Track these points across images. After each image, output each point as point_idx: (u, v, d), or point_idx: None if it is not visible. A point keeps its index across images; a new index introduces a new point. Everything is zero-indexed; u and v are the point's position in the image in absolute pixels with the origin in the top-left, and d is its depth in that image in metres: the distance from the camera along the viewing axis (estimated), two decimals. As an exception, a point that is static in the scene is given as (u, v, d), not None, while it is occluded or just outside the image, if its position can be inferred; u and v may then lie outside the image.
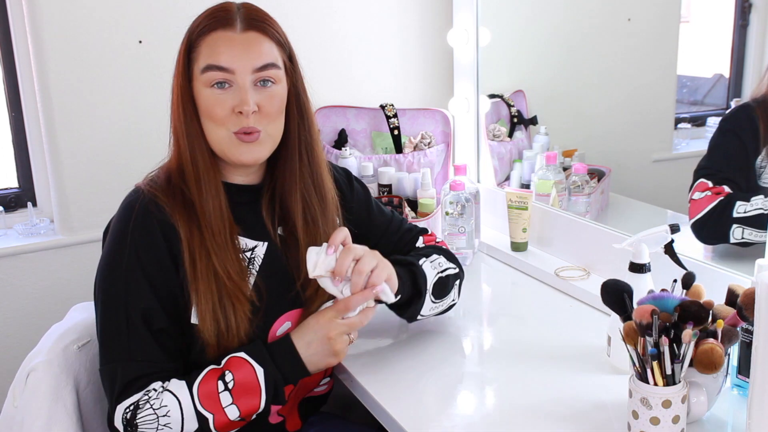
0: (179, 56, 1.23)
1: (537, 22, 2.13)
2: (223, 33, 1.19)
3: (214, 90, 1.19)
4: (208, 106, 1.19)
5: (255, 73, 1.19)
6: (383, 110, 2.12)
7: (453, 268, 1.44)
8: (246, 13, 1.22)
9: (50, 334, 1.31)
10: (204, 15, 1.22)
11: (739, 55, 1.72)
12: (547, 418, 1.17)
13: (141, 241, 1.18)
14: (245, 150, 1.21)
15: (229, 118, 1.19)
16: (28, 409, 1.22)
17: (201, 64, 1.19)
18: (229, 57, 1.18)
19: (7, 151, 1.93)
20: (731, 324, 1.12)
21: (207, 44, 1.19)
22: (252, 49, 1.19)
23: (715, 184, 1.45)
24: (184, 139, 1.22)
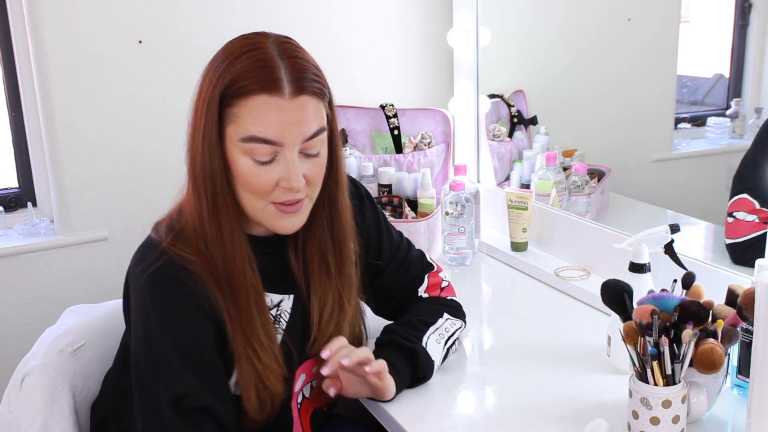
0: (203, 105, 1.06)
1: (537, 22, 2.13)
2: (269, 99, 1.03)
3: (255, 161, 1.06)
4: (248, 177, 1.07)
5: (304, 143, 1.07)
6: (383, 110, 2.12)
7: (459, 327, 1.36)
8: (293, 71, 1.05)
9: (44, 337, 1.30)
10: (241, 68, 1.04)
11: (739, 55, 1.72)
12: (547, 418, 1.17)
13: (180, 322, 1.08)
14: (287, 221, 1.11)
15: (271, 191, 1.08)
16: (23, 413, 1.21)
17: (241, 131, 1.04)
18: (279, 129, 1.04)
19: (7, 151, 1.93)
20: (731, 324, 1.12)
21: (249, 110, 1.04)
22: (303, 118, 1.05)
23: (762, 206, 1.38)
24: (211, 205, 1.09)
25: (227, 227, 1.10)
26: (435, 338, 1.30)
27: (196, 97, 1.09)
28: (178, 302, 1.08)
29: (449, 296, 1.42)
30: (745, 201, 1.43)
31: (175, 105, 1.92)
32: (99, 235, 1.91)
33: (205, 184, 1.08)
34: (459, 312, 1.40)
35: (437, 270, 1.44)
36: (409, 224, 1.88)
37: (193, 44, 1.91)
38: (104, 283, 1.94)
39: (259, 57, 1.05)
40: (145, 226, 1.92)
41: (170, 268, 1.08)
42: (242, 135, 1.05)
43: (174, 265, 1.08)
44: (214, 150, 1.07)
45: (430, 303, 1.38)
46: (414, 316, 1.33)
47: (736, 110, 1.78)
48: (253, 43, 1.07)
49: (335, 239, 1.21)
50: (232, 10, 1.95)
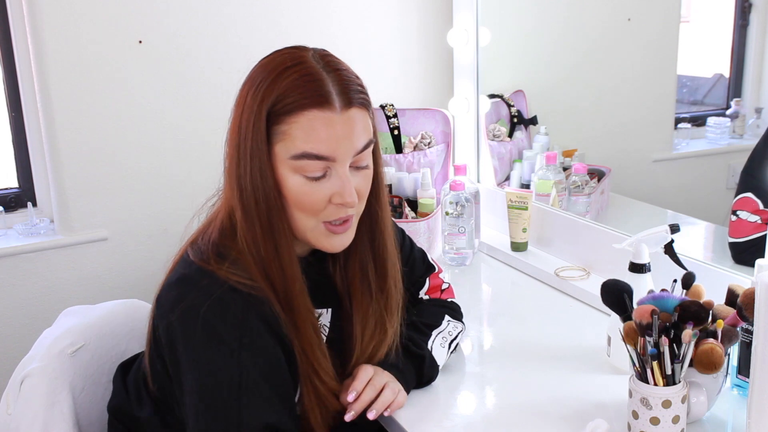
0: (248, 126, 1.03)
1: (537, 22, 2.13)
2: (320, 114, 1.01)
3: (307, 178, 1.04)
4: (299, 195, 1.04)
5: (355, 156, 1.05)
6: (383, 110, 2.12)
7: (460, 330, 1.37)
8: (341, 84, 1.03)
9: (43, 339, 1.30)
10: (287, 84, 1.02)
11: (739, 55, 1.72)
12: (547, 418, 1.17)
13: (260, 347, 1.04)
14: (337, 240, 1.09)
15: (323, 208, 1.06)
16: (23, 415, 1.21)
17: (291, 149, 1.02)
18: (333, 144, 1.02)
19: (7, 151, 1.93)
20: (731, 324, 1.12)
21: (300, 126, 1.01)
22: (354, 131, 1.04)
23: (766, 206, 1.38)
24: (267, 230, 1.05)
25: (284, 248, 1.07)
26: (439, 342, 1.30)
27: (237, 116, 1.06)
28: (255, 327, 1.03)
29: (449, 298, 1.43)
30: (749, 200, 1.43)
31: (174, 105, 1.92)
32: (99, 235, 1.91)
33: (258, 206, 1.05)
34: (458, 314, 1.41)
35: (438, 271, 1.44)
36: (409, 224, 1.88)
37: (193, 44, 1.91)
38: (104, 283, 1.94)
39: (305, 72, 1.02)
40: (145, 227, 1.95)
41: (237, 295, 1.03)
42: (293, 152, 1.02)
43: (239, 291, 1.03)
44: (266, 170, 1.03)
45: (432, 305, 1.39)
46: (417, 317, 1.33)
47: (736, 110, 1.78)
48: (295, 58, 1.04)
49: (377, 255, 1.18)
50: (231, 9, 1.95)
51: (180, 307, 1.04)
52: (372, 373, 1.18)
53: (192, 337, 1.03)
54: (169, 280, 1.10)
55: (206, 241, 1.09)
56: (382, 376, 1.19)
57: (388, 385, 1.18)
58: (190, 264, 1.08)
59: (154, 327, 1.12)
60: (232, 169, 1.07)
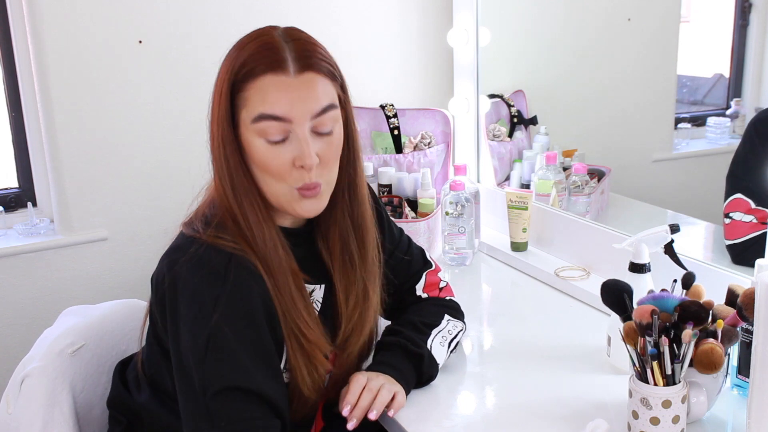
0: (218, 97, 1.10)
1: (537, 22, 2.13)
2: (275, 77, 1.06)
3: (268, 142, 1.08)
4: (264, 159, 1.08)
5: (314, 119, 1.08)
6: (383, 110, 2.12)
7: (461, 329, 1.37)
8: (297, 50, 1.08)
9: (43, 339, 1.30)
10: (248, 53, 1.08)
11: (739, 55, 1.72)
12: (547, 418, 1.17)
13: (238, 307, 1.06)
14: (307, 205, 1.12)
15: (289, 172, 1.09)
16: (23, 415, 1.21)
17: (252, 113, 1.07)
18: (286, 105, 1.06)
19: (7, 151, 1.93)
20: (731, 324, 1.12)
21: (257, 90, 1.06)
22: (310, 94, 1.07)
23: (758, 205, 1.38)
24: (233, 192, 1.11)
25: (251, 210, 1.11)
26: (439, 341, 1.31)
27: (213, 90, 1.12)
28: (235, 286, 1.06)
29: (448, 296, 1.42)
30: (740, 201, 1.43)
31: (174, 105, 1.92)
32: (99, 235, 1.91)
33: (222, 170, 1.11)
34: (459, 313, 1.40)
35: (436, 269, 1.43)
36: (409, 224, 1.88)
37: (193, 44, 1.91)
38: (104, 283, 1.94)
39: (265, 41, 1.08)
40: (145, 227, 1.95)
41: (219, 253, 1.07)
42: (252, 115, 1.07)
43: (221, 250, 1.07)
44: (227, 135, 1.09)
45: (431, 304, 1.38)
46: (416, 316, 1.33)
47: (736, 110, 1.78)
48: (260, 32, 1.11)
49: (356, 225, 1.21)
50: (231, 9, 1.95)
51: (170, 274, 1.08)
52: (365, 381, 1.18)
53: (176, 300, 1.07)
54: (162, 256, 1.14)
55: (196, 212, 1.16)
56: (377, 380, 1.19)
57: (384, 387, 1.18)
58: (180, 235, 1.14)
59: (150, 306, 1.16)
60: (210, 140, 1.13)
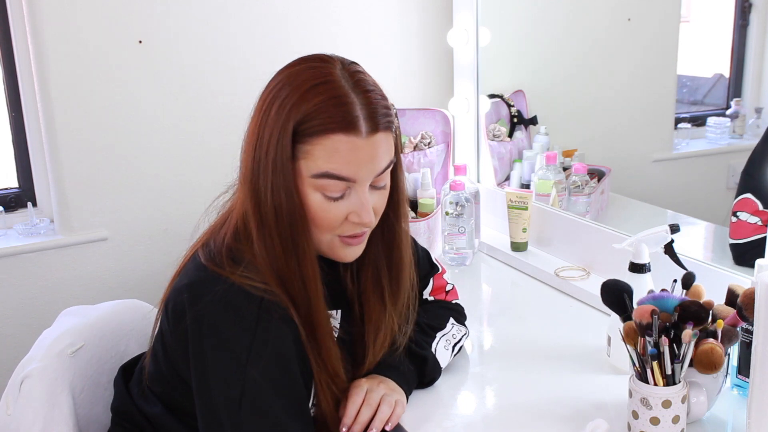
0: (275, 139, 1.01)
1: (537, 22, 2.13)
2: (345, 138, 1.00)
3: (326, 197, 1.03)
4: (318, 213, 1.04)
5: (376, 177, 1.06)
6: (383, 110, 2.11)
7: (464, 334, 1.37)
8: (368, 107, 1.03)
9: (42, 339, 1.30)
10: (314, 105, 1.00)
11: (739, 55, 1.72)
12: (547, 418, 1.17)
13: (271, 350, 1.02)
14: (350, 251, 1.10)
15: (340, 225, 1.06)
16: (23, 416, 1.21)
17: (313, 168, 1.01)
18: (355, 167, 1.02)
19: (7, 151, 1.93)
20: (731, 324, 1.12)
21: (325, 147, 1.00)
22: (377, 154, 1.03)
23: (766, 207, 1.39)
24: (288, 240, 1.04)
25: (307, 263, 1.05)
26: (443, 344, 1.30)
27: (257, 126, 1.04)
28: (268, 334, 1.02)
29: (454, 300, 1.42)
30: (749, 201, 1.43)
31: (174, 105, 1.92)
32: (99, 235, 1.91)
33: (279, 221, 1.03)
34: (463, 317, 1.40)
35: (442, 272, 1.42)
36: (409, 224, 1.87)
37: (193, 44, 1.91)
38: (104, 283, 1.94)
39: (334, 93, 1.01)
40: (145, 227, 1.95)
41: (251, 300, 1.02)
42: (314, 172, 1.02)
43: (252, 296, 1.02)
44: (291, 189, 1.02)
45: (437, 307, 1.38)
46: (422, 318, 1.32)
47: (736, 110, 1.78)
48: (323, 75, 1.03)
49: (392, 267, 1.18)
50: (232, 10, 1.95)
51: (193, 311, 1.03)
52: (365, 392, 1.15)
53: (202, 343, 1.02)
54: (179, 283, 1.08)
55: (219, 243, 1.08)
56: (377, 391, 1.16)
57: (384, 400, 1.15)
58: (203, 268, 1.06)
59: (162, 331, 1.12)
60: (249, 179, 1.05)
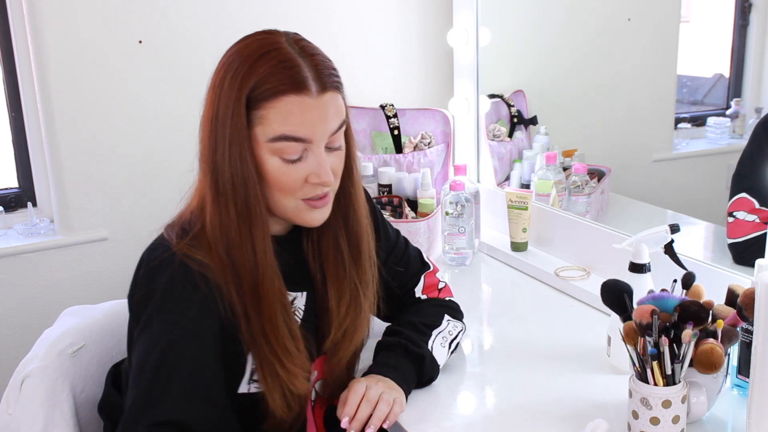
0: (228, 109, 1.05)
1: (537, 22, 2.13)
2: (297, 98, 1.04)
3: (284, 160, 1.07)
4: (278, 177, 1.07)
5: (330, 137, 1.09)
6: (383, 110, 2.12)
7: (461, 330, 1.37)
8: (315, 68, 1.07)
9: (43, 339, 1.30)
10: (265, 70, 1.04)
11: (739, 55, 1.72)
12: (547, 418, 1.17)
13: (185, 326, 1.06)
14: (317, 214, 1.12)
15: (300, 188, 1.09)
16: (23, 415, 1.21)
17: (269, 133, 1.05)
18: (309, 127, 1.05)
19: (7, 151, 1.94)
20: (731, 324, 1.12)
21: (278, 110, 1.04)
22: (329, 113, 1.07)
23: (762, 205, 1.40)
24: (241, 208, 1.07)
25: (260, 235, 1.08)
26: (440, 342, 1.30)
27: (212, 102, 1.07)
28: (194, 307, 1.06)
29: (447, 297, 1.41)
30: (744, 200, 1.44)
31: (174, 105, 1.92)
32: (99, 235, 1.91)
33: (236, 191, 1.06)
34: (458, 313, 1.40)
35: (434, 270, 1.42)
36: (409, 224, 1.88)
37: (193, 44, 1.91)
38: (104, 283, 1.94)
39: (282, 57, 1.05)
40: (145, 227, 1.95)
41: (184, 270, 1.06)
42: (271, 135, 1.05)
43: (187, 268, 1.06)
44: (246, 155, 1.05)
45: (430, 304, 1.37)
46: (416, 317, 1.32)
47: (736, 110, 1.78)
48: (270, 44, 1.07)
49: (350, 232, 1.20)
50: (232, 10, 1.95)
51: (139, 277, 1.11)
52: (364, 389, 1.16)
53: (142, 306, 1.08)
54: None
55: (180, 216, 1.13)
56: (376, 389, 1.16)
57: (383, 398, 1.15)
58: (160, 235, 1.13)
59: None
60: (207, 154, 1.08)
